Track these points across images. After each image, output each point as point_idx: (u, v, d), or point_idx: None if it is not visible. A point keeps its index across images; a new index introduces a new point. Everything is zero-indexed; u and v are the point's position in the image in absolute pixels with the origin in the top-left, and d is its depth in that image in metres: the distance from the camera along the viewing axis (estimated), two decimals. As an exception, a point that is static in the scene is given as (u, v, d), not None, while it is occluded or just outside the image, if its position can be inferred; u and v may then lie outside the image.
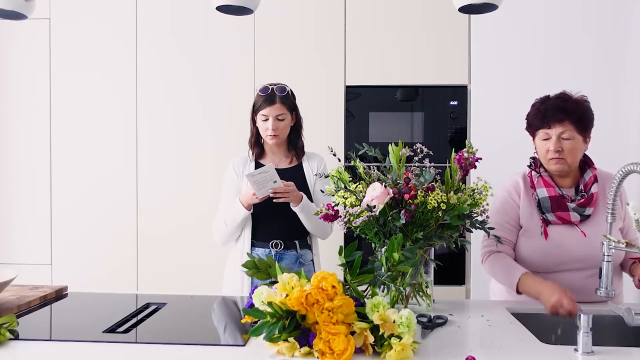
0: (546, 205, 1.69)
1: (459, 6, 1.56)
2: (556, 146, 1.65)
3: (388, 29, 2.83)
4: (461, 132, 2.82)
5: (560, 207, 1.68)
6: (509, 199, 1.75)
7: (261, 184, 1.80)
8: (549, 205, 1.68)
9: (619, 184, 1.37)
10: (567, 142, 1.65)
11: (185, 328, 1.41)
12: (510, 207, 1.75)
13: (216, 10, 1.65)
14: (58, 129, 2.94)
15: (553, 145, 1.65)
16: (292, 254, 1.95)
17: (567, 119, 1.64)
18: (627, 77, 2.73)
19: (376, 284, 1.30)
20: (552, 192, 1.69)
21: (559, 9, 2.76)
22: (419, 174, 1.49)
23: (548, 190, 1.70)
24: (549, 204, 1.68)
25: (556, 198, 1.68)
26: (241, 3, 1.60)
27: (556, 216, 1.68)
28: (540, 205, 1.70)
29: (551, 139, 1.66)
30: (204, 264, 2.81)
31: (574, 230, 1.67)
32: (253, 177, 1.78)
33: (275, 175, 1.80)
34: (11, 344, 1.22)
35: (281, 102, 1.91)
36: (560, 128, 1.64)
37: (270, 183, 1.81)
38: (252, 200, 1.85)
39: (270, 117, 1.90)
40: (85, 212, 2.93)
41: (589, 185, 1.70)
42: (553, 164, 1.67)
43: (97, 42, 2.92)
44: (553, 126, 1.65)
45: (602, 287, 1.40)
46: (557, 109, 1.65)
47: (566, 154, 1.65)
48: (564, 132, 1.64)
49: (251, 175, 1.78)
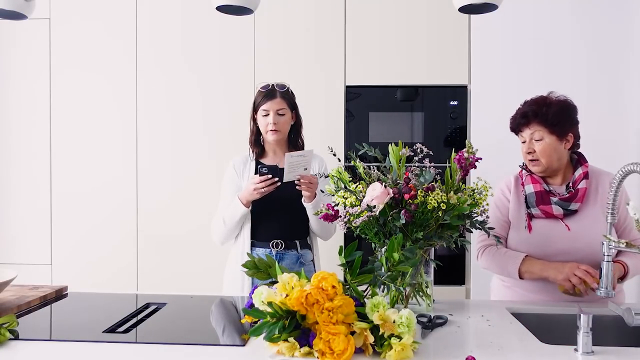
0: (531, 200, 1.75)
1: (459, 6, 1.57)
2: (528, 148, 1.73)
3: (388, 29, 2.83)
4: (461, 132, 2.82)
5: (544, 201, 1.73)
6: (502, 196, 1.83)
7: (294, 167, 1.80)
8: (534, 200, 1.74)
9: (619, 184, 1.37)
10: (538, 143, 1.71)
11: (185, 328, 1.40)
12: (502, 203, 1.82)
13: (216, 10, 1.65)
14: (58, 129, 2.95)
15: (525, 147, 1.74)
16: (293, 254, 1.95)
17: (533, 121, 1.70)
18: (627, 76, 2.73)
19: (376, 284, 1.30)
20: (538, 187, 1.75)
21: (559, 9, 2.76)
22: (419, 174, 1.49)
23: (535, 186, 1.75)
24: (534, 199, 1.74)
25: (541, 193, 1.74)
26: (241, 3, 1.61)
27: (540, 210, 1.73)
28: (527, 201, 1.77)
29: (526, 142, 1.74)
30: (204, 264, 2.81)
31: (558, 224, 1.72)
32: (292, 157, 1.78)
33: (309, 162, 1.82)
34: (11, 344, 1.22)
35: (281, 97, 1.92)
36: (529, 130, 1.72)
37: (301, 169, 1.82)
38: (251, 196, 1.84)
39: (271, 111, 1.90)
40: (85, 212, 2.93)
41: (578, 182, 1.73)
42: (531, 165, 1.76)
43: (97, 42, 2.92)
44: (523, 129, 1.74)
45: (602, 287, 1.40)
46: (523, 114, 1.73)
47: (539, 154, 1.71)
48: (534, 134, 1.71)
49: (290, 155, 1.78)
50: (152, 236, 2.90)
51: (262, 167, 1.83)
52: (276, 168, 1.83)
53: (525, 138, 1.73)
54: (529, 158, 1.74)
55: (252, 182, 1.83)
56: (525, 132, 1.73)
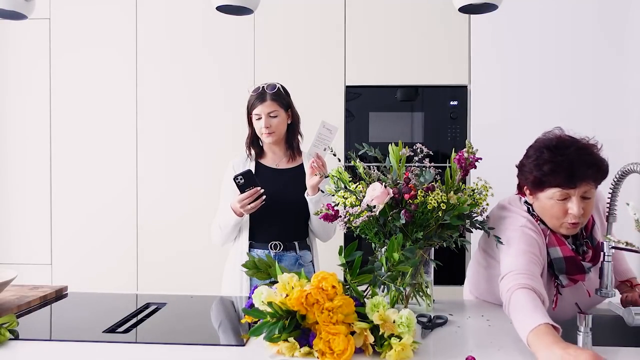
0: (561, 267, 1.41)
1: (459, 6, 1.56)
2: (580, 209, 1.34)
3: (388, 29, 2.83)
4: (461, 132, 2.82)
5: (579, 269, 1.41)
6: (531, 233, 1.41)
7: (322, 140, 1.80)
8: (564, 267, 1.41)
9: (619, 184, 1.37)
10: (589, 201, 1.36)
11: (185, 328, 1.40)
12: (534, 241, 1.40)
13: (216, 10, 1.65)
14: (58, 129, 2.95)
15: (577, 209, 1.34)
16: (292, 255, 1.94)
17: (599, 176, 1.35)
18: (627, 76, 2.73)
19: (376, 284, 1.30)
20: (567, 251, 1.41)
21: (558, 9, 2.76)
22: (419, 174, 1.49)
23: (562, 249, 1.41)
24: (564, 266, 1.41)
25: (572, 258, 1.41)
26: (241, 3, 1.61)
27: (569, 279, 1.42)
28: (552, 267, 1.43)
29: (571, 199, 1.35)
30: (204, 264, 2.81)
31: (581, 290, 1.45)
32: (324, 127, 1.79)
33: (331, 142, 1.82)
34: (11, 344, 1.22)
35: (272, 99, 1.90)
36: (586, 187, 1.34)
37: (322, 148, 1.82)
38: (238, 210, 1.82)
39: (262, 115, 1.89)
40: (85, 212, 2.93)
41: (590, 229, 1.47)
42: (568, 227, 1.38)
43: (97, 41, 2.92)
44: (579, 186, 1.33)
45: (602, 287, 1.40)
46: (588, 165, 1.33)
47: (585, 216, 1.37)
48: (588, 191, 1.35)
49: (324, 124, 1.79)
50: (152, 236, 2.90)
51: (235, 177, 1.80)
52: (250, 173, 1.80)
53: (572, 195, 1.35)
54: (575, 221, 1.36)
55: (238, 199, 1.81)
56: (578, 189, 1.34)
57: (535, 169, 1.38)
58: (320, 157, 1.81)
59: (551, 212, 1.38)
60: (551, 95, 2.75)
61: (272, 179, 1.93)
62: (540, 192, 1.39)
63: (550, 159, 1.35)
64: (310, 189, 1.87)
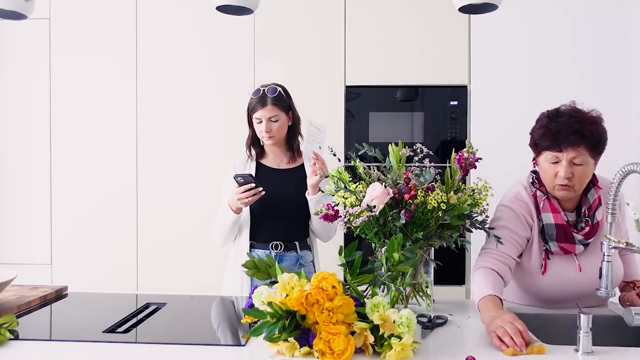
0: (550, 233, 1.51)
1: (459, 6, 1.56)
2: (567, 172, 1.45)
3: (388, 28, 2.83)
4: (461, 132, 2.82)
5: (568, 237, 1.50)
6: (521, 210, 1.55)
7: (314, 139, 1.80)
8: (554, 234, 1.50)
9: (619, 184, 1.37)
10: (579, 167, 1.45)
11: (185, 328, 1.40)
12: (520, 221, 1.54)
13: (216, 10, 1.65)
14: (58, 129, 2.95)
15: (564, 171, 1.45)
16: (293, 255, 1.94)
17: (583, 143, 1.43)
18: (627, 76, 2.73)
19: (376, 284, 1.30)
20: (559, 219, 1.51)
21: (558, 9, 2.76)
22: (419, 174, 1.49)
23: (555, 216, 1.51)
24: (554, 232, 1.50)
25: (563, 227, 1.50)
26: (241, 3, 1.61)
27: (560, 247, 1.51)
28: (543, 232, 1.53)
29: (561, 162, 1.46)
30: (204, 264, 2.80)
31: (571, 263, 1.52)
32: (310, 125, 1.78)
33: (324, 140, 1.81)
34: (11, 344, 1.22)
35: (273, 104, 1.88)
36: (573, 153, 1.44)
37: (317, 146, 1.81)
38: (237, 205, 1.83)
39: (263, 119, 1.88)
40: (85, 212, 2.93)
41: (593, 209, 1.53)
42: (559, 189, 1.48)
43: (96, 41, 2.92)
44: (565, 150, 1.44)
45: (602, 287, 1.40)
46: (572, 131, 1.43)
47: (576, 180, 1.46)
48: (577, 157, 1.44)
49: (310, 122, 1.79)
50: (152, 236, 2.90)
51: (236, 176, 1.81)
52: (250, 177, 1.81)
53: (561, 159, 1.45)
54: (563, 182, 1.46)
55: (235, 191, 1.81)
56: (565, 153, 1.44)
57: (534, 133, 1.54)
58: (319, 156, 1.81)
59: (545, 174, 1.51)
60: (551, 95, 2.74)
61: (273, 179, 1.93)
62: (538, 155, 1.53)
63: (545, 124, 1.49)
64: (311, 189, 1.87)
